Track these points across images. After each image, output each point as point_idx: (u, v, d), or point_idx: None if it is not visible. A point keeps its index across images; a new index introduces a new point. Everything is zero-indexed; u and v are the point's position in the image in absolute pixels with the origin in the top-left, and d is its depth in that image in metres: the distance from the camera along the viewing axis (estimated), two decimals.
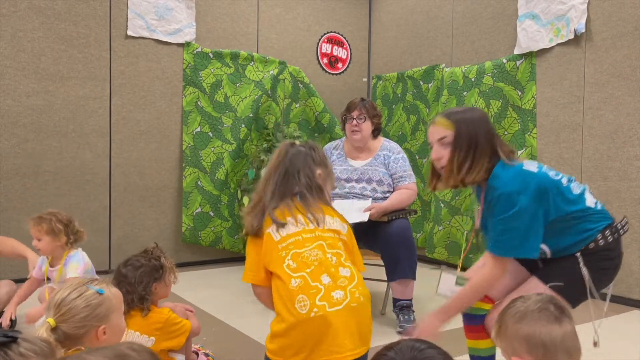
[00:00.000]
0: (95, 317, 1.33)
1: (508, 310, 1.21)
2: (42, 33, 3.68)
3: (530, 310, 1.18)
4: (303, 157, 1.77)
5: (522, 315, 1.17)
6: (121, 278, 1.83)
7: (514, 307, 1.21)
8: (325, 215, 1.70)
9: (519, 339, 1.15)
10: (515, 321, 1.17)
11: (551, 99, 3.66)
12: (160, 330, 1.83)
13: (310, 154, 1.78)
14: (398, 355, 0.89)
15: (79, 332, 1.32)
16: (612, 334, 2.74)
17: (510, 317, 1.19)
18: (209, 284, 3.73)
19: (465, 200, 4.10)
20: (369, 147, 3.04)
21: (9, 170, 3.60)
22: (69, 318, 1.31)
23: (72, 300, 1.33)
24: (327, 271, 1.55)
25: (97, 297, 1.36)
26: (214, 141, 4.32)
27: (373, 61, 5.27)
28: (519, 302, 1.22)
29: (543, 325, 1.15)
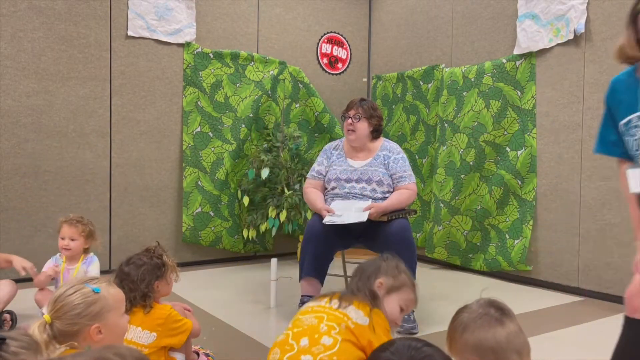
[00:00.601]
0: (87, 315, 1.32)
1: (453, 323, 1.21)
2: (42, 33, 3.68)
3: (472, 318, 1.18)
4: (375, 266, 1.74)
5: (465, 326, 1.17)
6: (124, 276, 1.85)
7: (458, 320, 1.21)
8: (350, 305, 1.55)
9: (469, 349, 1.15)
10: (460, 333, 1.17)
11: (551, 99, 3.66)
12: (161, 326, 1.84)
13: (380, 264, 1.75)
14: (396, 356, 0.89)
15: (72, 329, 1.32)
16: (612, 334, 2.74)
17: (456, 330, 1.19)
18: (209, 284, 3.73)
19: (465, 200, 4.11)
20: (369, 148, 3.04)
21: (9, 170, 3.61)
22: (62, 315, 1.31)
23: (67, 297, 1.33)
24: (310, 336, 1.49)
25: (92, 295, 1.35)
26: (214, 141, 4.32)
27: (373, 61, 5.27)
28: (463, 313, 1.22)
29: (486, 331, 1.15)
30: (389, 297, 1.68)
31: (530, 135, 3.78)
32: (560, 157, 3.61)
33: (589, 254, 3.45)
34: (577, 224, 3.51)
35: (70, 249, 2.66)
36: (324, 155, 3.13)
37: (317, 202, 2.92)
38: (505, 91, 3.88)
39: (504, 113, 3.90)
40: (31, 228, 3.67)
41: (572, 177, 3.54)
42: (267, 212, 4.20)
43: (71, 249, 2.66)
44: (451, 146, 4.18)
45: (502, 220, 3.95)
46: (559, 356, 2.40)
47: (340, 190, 2.95)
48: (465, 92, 4.12)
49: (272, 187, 4.30)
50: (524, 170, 3.81)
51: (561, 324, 2.85)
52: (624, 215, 3.26)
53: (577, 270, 3.52)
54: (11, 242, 3.61)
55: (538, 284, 3.73)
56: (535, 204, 3.75)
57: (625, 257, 3.25)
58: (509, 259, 3.85)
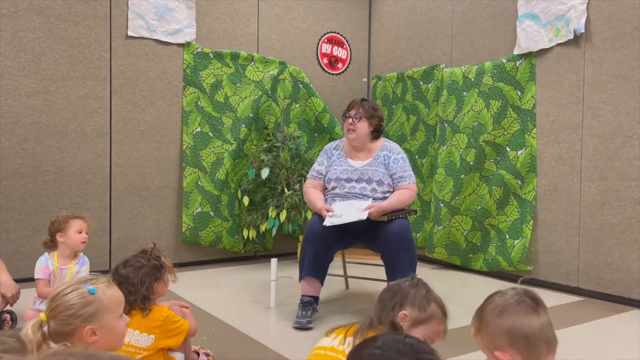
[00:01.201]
0: (80, 316, 1.30)
1: (487, 305, 1.22)
2: (42, 33, 3.68)
3: (509, 303, 1.19)
4: (402, 294, 1.55)
5: (502, 309, 1.19)
6: (122, 279, 1.82)
7: (493, 302, 1.22)
8: None
9: (501, 333, 1.16)
10: (495, 316, 1.18)
11: (551, 99, 3.66)
12: (159, 328, 1.83)
13: (408, 292, 1.55)
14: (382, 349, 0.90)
15: (66, 329, 1.30)
16: (612, 334, 2.74)
17: (490, 312, 1.20)
18: (209, 284, 3.73)
19: (465, 200, 4.11)
20: (369, 148, 3.04)
21: (9, 170, 3.61)
22: (57, 314, 1.30)
23: (63, 296, 1.31)
24: None
25: (87, 296, 1.33)
26: (214, 141, 4.32)
27: (373, 61, 5.27)
28: (497, 297, 1.23)
29: (522, 317, 1.16)
30: (414, 330, 1.52)
31: (530, 135, 3.78)
32: (560, 157, 3.61)
33: (589, 254, 3.45)
34: (577, 224, 3.51)
35: (86, 242, 2.72)
36: (324, 155, 3.13)
37: (318, 202, 2.92)
38: (505, 91, 3.88)
39: (504, 113, 3.90)
40: (31, 228, 3.67)
41: (572, 177, 3.54)
42: (267, 212, 4.20)
43: (85, 242, 2.71)
44: (451, 146, 4.18)
45: (502, 220, 3.95)
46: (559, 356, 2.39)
47: (340, 190, 2.95)
48: (465, 92, 4.12)
49: (272, 187, 4.30)
50: (524, 170, 3.81)
51: (561, 324, 2.85)
52: (624, 215, 3.26)
53: (577, 270, 3.52)
54: (11, 242, 3.61)
55: (538, 284, 3.73)
56: (535, 204, 3.75)
57: (626, 257, 3.25)
58: (509, 259, 3.85)
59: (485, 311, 1.22)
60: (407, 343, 0.91)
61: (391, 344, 0.91)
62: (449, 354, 2.29)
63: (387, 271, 2.82)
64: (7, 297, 2.58)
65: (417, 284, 1.57)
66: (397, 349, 0.90)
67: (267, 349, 2.44)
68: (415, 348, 0.90)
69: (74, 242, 2.67)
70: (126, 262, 1.89)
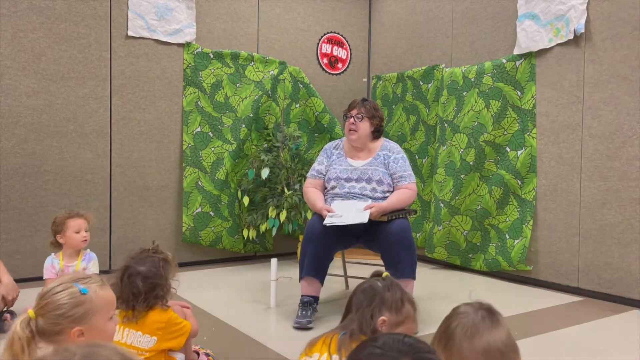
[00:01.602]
0: (69, 317, 1.26)
1: (455, 330, 1.18)
2: (42, 33, 3.68)
3: (476, 323, 1.17)
4: (378, 298, 1.48)
5: (473, 331, 1.16)
6: (145, 274, 1.81)
7: (460, 325, 1.18)
8: None
9: (476, 354, 1.14)
10: (468, 339, 1.15)
11: (551, 99, 3.66)
12: (162, 330, 1.82)
13: (384, 295, 1.48)
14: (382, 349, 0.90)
15: (54, 329, 1.26)
16: (612, 334, 2.74)
17: (462, 336, 1.16)
18: (209, 284, 3.73)
19: (465, 200, 4.11)
20: (369, 147, 3.04)
21: (9, 170, 3.61)
22: (46, 313, 1.26)
23: (54, 295, 1.27)
24: None
25: (78, 296, 1.29)
26: (214, 141, 4.32)
27: (373, 61, 5.27)
28: (461, 318, 1.20)
29: (492, 333, 1.15)
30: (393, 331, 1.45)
31: (530, 135, 3.78)
32: (560, 157, 3.61)
33: (589, 254, 3.45)
34: (577, 224, 3.51)
35: (87, 240, 2.69)
36: (324, 154, 3.13)
37: (318, 202, 2.92)
38: (505, 91, 3.88)
39: (504, 113, 3.90)
40: (31, 228, 3.67)
41: (572, 177, 3.54)
42: (267, 212, 4.20)
43: (87, 240, 2.69)
44: (451, 146, 4.18)
45: (502, 220, 3.95)
46: (559, 356, 2.40)
47: (340, 190, 2.95)
48: (465, 92, 4.12)
49: (272, 187, 4.30)
50: (524, 170, 3.81)
51: (561, 324, 2.85)
52: (624, 215, 3.26)
53: (577, 270, 3.52)
54: (11, 242, 3.61)
55: (538, 284, 3.73)
56: (535, 204, 3.75)
57: (626, 257, 3.25)
58: (509, 259, 3.85)
59: (454, 336, 1.17)
60: (407, 342, 0.91)
61: (391, 344, 0.91)
62: None
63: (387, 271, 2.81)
64: (7, 299, 2.59)
65: (391, 285, 1.51)
66: (397, 349, 0.90)
67: (267, 349, 2.44)
68: (414, 347, 0.91)
69: (74, 242, 2.67)
70: (141, 258, 1.86)
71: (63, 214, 2.70)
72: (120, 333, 1.80)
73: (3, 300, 2.57)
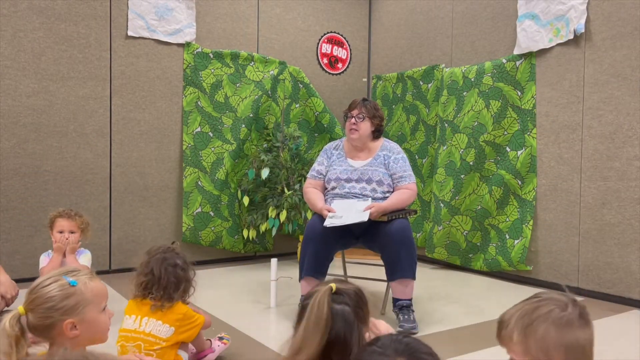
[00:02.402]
0: (60, 309, 1.26)
1: (549, 314, 1.13)
2: (42, 33, 3.68)
3: (572, 318, 1.13)
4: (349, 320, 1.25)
5: (568, 323, 1.12)
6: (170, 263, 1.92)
7: (555, 311, 1.14)
8: None
9: (559, 346, 1.10)
10: (559, 328, 1.11)
11: (551, 99, 3.66)
12: (179, 321, 1.90)
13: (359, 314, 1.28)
14: (382, 348, 0.93)
15: (45, 322, 1.25)
16: (612, 334, 2.74)
17: (553, 323, 1.12)
18: (209, 284, 3.73)
19: (465, 200, 4.11)
20: (369, 148, 3.04)
21: (9, 170, 3.61)
22: (36, 307, 1.25)
23: (42, 288, 1.27)
24: None
25: (67, 288, 1.28)
26: (214, 141, 4.32)
27: (373, 61, 5.28)
28: (557, 307, 1.15)
29: (583, 331, 1.13)
30: None
31: (530, 135, 3.78)
32: (560, 157, 3.61)
33: (589, 254, 3.45)
34: (577, 224, 3.51)
35: (70, 242, 2.65)
36: (324, 155, 3.13)
37: (318, 202, 2.93)
38: (505, 91, 3.88)
39: (504, 113, 3.90)
40: (31, 228, 3.67)
41: (572, 177, 3.54)
42: (267, 212, 4.20)
43: (71, 242, 2.66)
44: (451, 146, 4.18)
45: (502, 220, 3.96)
46: None
47: (340, 190, 2.95)
48: (465, 92, 4.12)
49: (272, 187, 4.30)
50: (524, 170, 3.81)
51: None
52: (624, 215, 3.26)
53: (577, 270, 3.52)
54: (11, 242, 3.61)
55: (538, 284, 3.73)
56: (535, 204, 3.75)
57: (626, 257, 3.25)
58: (509, 259, 3.85)
59: (542, 320, 1.12)
60: (404, 342, 0.93)
61: (389, 344, 0.93)
62: (448, 354, 2.29)
63: (387, 271, 2.82)
64: (6, 297, 2.58)
65: (354, 295, 1.27)
66: (394, 348, 0.92)
67: (267, 349, 2.44)
68: (411, 347, 0.92)
69: (55, 242, 2.65)
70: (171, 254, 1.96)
71: (55, 212, 2.70)
72: (138, 322, 1.86)
73: (3, 299, 2.57)
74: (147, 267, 1.91)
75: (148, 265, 1.92)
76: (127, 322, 1.88)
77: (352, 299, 1.25)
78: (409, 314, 2.74)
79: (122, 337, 1.87)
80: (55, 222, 2.67)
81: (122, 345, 1.86)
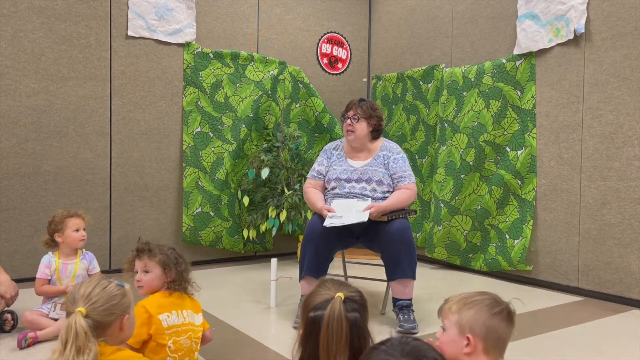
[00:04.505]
0: (121, 305, 1.41)
1: (486, 301, 1.35)
2: (42, 33, 3.68)
3: (504, 310, 1.35)
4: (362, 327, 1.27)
5: (500, 312, 1.33)
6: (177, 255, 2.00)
7: (489, 301, 1.35)
8: None
9: (483, 325, 1.31)
10: (492, 313, 1.33)
11: (551, 99, 3.66)
12: (201, 311, 2.02)
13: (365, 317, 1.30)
14: (389, 349, 0.97)
15: (108, 319, 1.39)
16: (612, 334, 2.74)
17: (489, 307, 1.33)
18: (209, 284, 3.73)
19: (465, 200, 4.11)
20: (369, 148, 3.04)
21: (9, 170, 3.61)
22: (99, 307, 1.38)
23: (103, 290, 1.41)
24: None
25: (121, 288, 1.44)
26: (214, 141, 4.32)
27: (373, 61, 5.28)
28: (494, 301, 1.36)
29: (506, 324, 1.34)
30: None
31: (530, 135, 3.78)
32: (560, 157, 3.61)
33: (589, 254, 3.45)
34: (577, 224, 3.51)
35: (85, 239, 2.70)
36: (324, 155, 3.13)
37: (318, 202, 2.92)
38: (505, 91, 3.88)
39: (504, 113, 3.90)
40: (31, 228, 3.67)
41: (572, 177, 3.54)
42: (267, 212, 4.20)
43: (84, 240, 2.70)
44: (451, 146, 4.18)
45: (502, 220, 3.96)
46: (559, 356, 2.40)
47: (340, 190, 2.95)
48: (465, 92, 4.12)
49: (272, 187, 4.30)
50: (524, 170, 3.81)
51: (561, 324, 2.85)
52: (624, 215, 3.26)
53: (577, 270, 3.52)
54: (11, 242, 3.61)
55: (538, 284, 3.73)
56: (535, 204, 3.75)
57: (625, 257, 3.25)
58: (509, 259, 3.85)
59: (479, 302, 1.34)
60: (411, 344, 0.96)
61: (396, 345, 0.97)
62: None
63: (387, 271, 2.82)
64: (6, 297, 2.58)
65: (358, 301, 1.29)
66: (400, 350, 0.95)
67: (267, 349, 2.44)
68: (417, 349, 0.95)
69: (73, 242, 2.66)
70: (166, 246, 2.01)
71: (62, 213, 2.70)
72: (181, 315, 1.92)
73: (3, 299, 2.57)
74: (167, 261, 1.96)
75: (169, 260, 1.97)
76: (171, 319, 1.89)
77: (360, 304, 1.32)
78: (409, 314, 2.74)
79: (173, 334, 1.88)
80: (67, 222, 2.66)
81: (174, 341, 1.88)
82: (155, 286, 1.97)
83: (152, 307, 1.86)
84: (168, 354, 1.85)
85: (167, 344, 1.86)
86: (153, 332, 1.83)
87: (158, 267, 1.96)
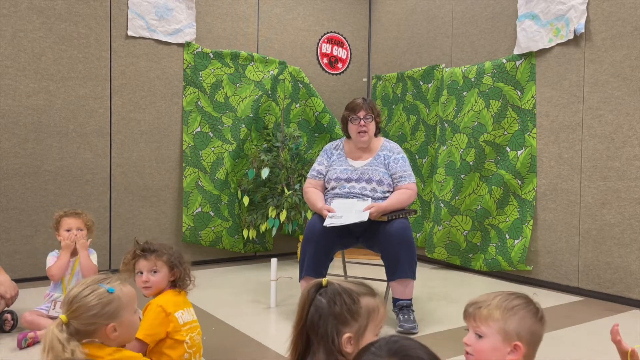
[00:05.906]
0: (103, 315, 1.38)
1: (528, 306, 1.33)
2: (42, 33, 3.68)
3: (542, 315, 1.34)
4: (330, 318, 1.25)
5: (542, 318, 1.33)
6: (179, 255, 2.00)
7: (531, 305, 1.34)
8: None
9: (529, 332, 1.30)
10: (536, 320, 1.32)
11: (551, 99, 3.66)
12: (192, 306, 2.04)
13: (333, 310, 1.25)
14: (377, 350, 0.96)
15: (89, 328, 1.37)
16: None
17: (533, 314, 1.32)
18: (209, 284, 3.73)
19: (465, 200, 4.11)
20: (370, 147, 3.05)
21: (9, 170, 3.61)
22: (79, 315, 1.37)
23: (83, 298, 1.38)
24: None
25: (107, 295, 1.40)
26: (214, 141, 4.32)
27: (373, 61, 5.28)
28: (533, 304, 1.35)
29: (542, 327, 1.33)
30: (365, 338, 1.26)
31: (530, 135, 3.78)
32: (560, 157, 3.61)
33: (589, 254, 3.45)
34: (577, 224, 3.51)
35: (74, 239, 2.66)
36: (324, 155, 3.13)
37: (318, 202, 2.93)
38: (505, 91, 3.88)
39: (504, 113, 3.90)
40: (31, 228, 3.67)
41: (572, 177, 3.54)
42: (267, 212, 4.20)
43: (75, 239, 2.66)
44: (451, 146, 4.18)
45: (502, 220, 3.96)
46: (559, 356, 2.40)
47: (340, 190, 2.95)
48: (465, 92, 4.12)
49: (272, 187, 4.30)
50: (524, 170, 3.81)
51: (561, 324, 2.85)
52: (624, 215, 3.26)
53: (577, 270, 3.52)
54: (11, 242, 3.61)
55: (538, 284, 3.73)
56: (535, 204, 3.75)
57: (625, 257, 3.25)
58: (509, 259, 3.85)
59: (522, 307, 1.32)
60: (399, 343, 0.95)
61: (384, 345, 0.96)
62: (449, 353, 2.29)
63: (387, 271, 2.82)
64: (5, 297, 2.58)
65: (334, 293, 1.27)
66: (387, 349, 0.94)
67: (267, 349, 2.44)
68: (404, 348, 0.94)
69: (63, 241, 2.66)
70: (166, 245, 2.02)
71: (60, 212, 2.71)
72: (190, 313, 1.95)
73: (2, 299, 2.57)
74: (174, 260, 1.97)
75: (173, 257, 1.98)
76: (185, 316, 1.91)
77: (330, 294, 1.28)
78: (408, 314, 2.74)
79: (188, 330, 1.91)
80: (61, 221, 2.67)
81: (191, 337, 1.91)
82: (162, 286, 1.96)
83: (168, 305, 1.87)
84: (185, 349, 1.87)
85: (185, 339, 1.88)
86: (171, 329, 1.84)
87: (165, 266, 1.95)
